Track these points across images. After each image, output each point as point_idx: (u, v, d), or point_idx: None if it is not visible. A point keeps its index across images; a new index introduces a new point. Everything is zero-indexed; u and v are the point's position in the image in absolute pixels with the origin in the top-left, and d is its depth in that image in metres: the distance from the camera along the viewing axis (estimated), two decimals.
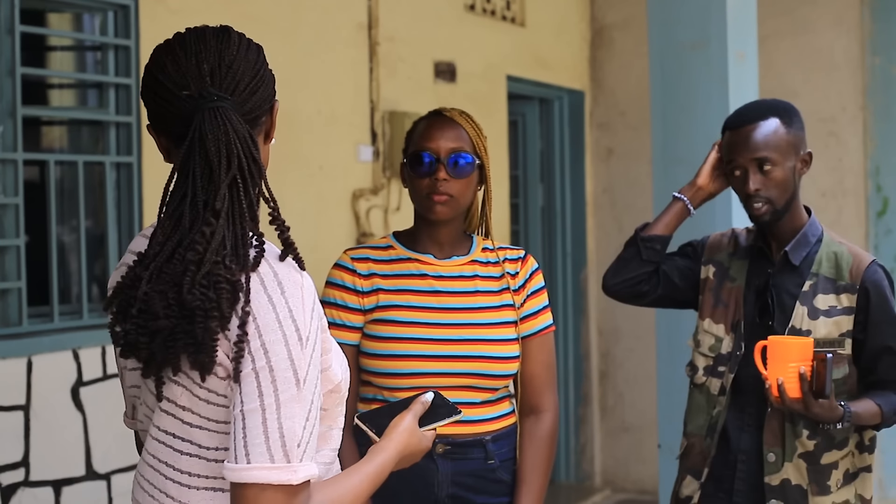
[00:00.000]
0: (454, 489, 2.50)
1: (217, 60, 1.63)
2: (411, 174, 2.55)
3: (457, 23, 5.77)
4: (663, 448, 3.85)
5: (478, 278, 2.57)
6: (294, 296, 1.57)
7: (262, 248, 1.59)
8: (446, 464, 2.49)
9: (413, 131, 2.63)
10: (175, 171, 1.62)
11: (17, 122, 3.67)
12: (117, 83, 4.01)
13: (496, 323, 2.54)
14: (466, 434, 2.50)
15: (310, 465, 1.55)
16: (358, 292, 2.53)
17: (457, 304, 2.53)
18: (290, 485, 1.52)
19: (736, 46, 3.78)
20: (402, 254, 2.58)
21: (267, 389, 1.53)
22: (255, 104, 1.66)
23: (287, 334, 1.54)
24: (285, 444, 1.52)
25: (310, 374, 1.56)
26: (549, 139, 6.87)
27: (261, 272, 1.57)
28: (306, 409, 1.55)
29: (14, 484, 3.56)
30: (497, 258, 2.61)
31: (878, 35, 6.32)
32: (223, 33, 1.68)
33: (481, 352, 2.50)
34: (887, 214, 6.31)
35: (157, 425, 1.67)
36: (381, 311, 2.51)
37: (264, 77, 1.68)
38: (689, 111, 3.80)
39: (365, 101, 5.11)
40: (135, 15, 4.02)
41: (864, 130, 6.35)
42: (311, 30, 4.79)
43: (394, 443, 1.81)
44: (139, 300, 1.56)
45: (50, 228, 3.84)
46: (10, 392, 3.57)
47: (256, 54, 1.69)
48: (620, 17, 6.90)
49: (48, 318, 3.83)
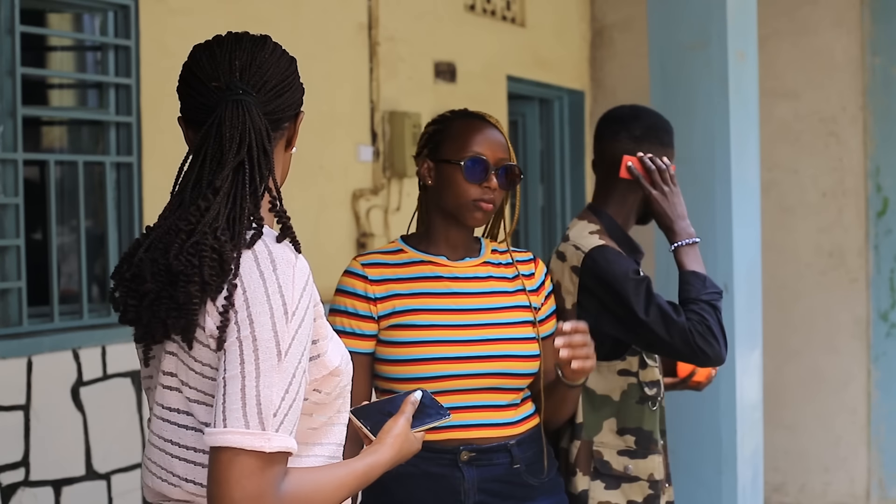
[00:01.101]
0: (481, 497, 2.45)
1: (249, 59, 1.73)
2: (464, 178, 2.48)
3: (457, 23, 5.77)
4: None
5: (492, 279, 2.55)
6: (285, 273, 1.62)
7: (260, 229, 1.65)
8: (471, 471, 2.44)
9: (449, 130, 2.54)
10: (189, 154, 1.72)
11: (17, 122, 3.67)
12: (117, 83, 4.01)
13: (515, 322, 2.51)
14: (491, 438, 2.46)
15: (287, 437, 1.57)
16: (369, 299, 2.46)
17: (474, 305, 2.50)
18: (263, 452, 1.55)
19: (736, 46, 3.78)
20: (414, 256, 2.53)
21: (249, 357, 1.57)
22: (279, 107, 1.75)
23: (274, 307, 1.59)
24: (261, 412, 1.55)
25: (293, 348, 1.59)
26: (549, 139, 6.87)
27: (256, 250, 1.63)
28: (286, 381, 1.58)
29: (14, 484, 3.56)
30: (510, 259, 2.60)
31: (878, 35, 6.32)
32: (260, 39, 1.79)
33: (504, 351, 2.47)
34: (887, 214, 6.30)
35: (160, 402, 1.71)
36: (399, 315, 2.46)
37: (292, 84, 1.79)
38: (689, 111, 3.80)
39: (365, 101, 5.11)
40: (135, 15, 4.02)
41: (864, 130, 6.35)
42: (311, 30, 4.79)
43: (388, 447, 1.82)
44: (133, 265, 1.67)
45: (50, 228, 3.84)
46: (10, 392, 3.57)
47: (289, 63, 1.80)
48: (620, 17, 6.90)
49: (48, 318, 3.83)
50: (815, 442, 6.40)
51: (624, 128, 2.85)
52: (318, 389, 1.71)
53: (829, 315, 6.37)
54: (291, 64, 1.80)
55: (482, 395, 2.44)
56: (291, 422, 1.59)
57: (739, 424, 3.74)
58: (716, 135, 3.76)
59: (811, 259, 6.41)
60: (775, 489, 6.37)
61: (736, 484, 3.73)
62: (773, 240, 6.15)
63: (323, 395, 1.72)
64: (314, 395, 1.71)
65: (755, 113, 3.91)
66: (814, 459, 6.40)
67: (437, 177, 2.52)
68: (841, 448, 6.36)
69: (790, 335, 6.37)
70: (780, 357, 6.27)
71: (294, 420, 1.59)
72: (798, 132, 6.44)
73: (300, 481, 1.62)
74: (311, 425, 1.73)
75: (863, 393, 6.32)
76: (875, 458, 6.31)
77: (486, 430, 2.44)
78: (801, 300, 6.39)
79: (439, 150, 2.53)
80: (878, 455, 6.32)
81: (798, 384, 6.39)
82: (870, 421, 6.31)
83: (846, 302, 6.34)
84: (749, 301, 3.84)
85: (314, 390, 1.70)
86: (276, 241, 1.66)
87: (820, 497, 6.40)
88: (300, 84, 1.81)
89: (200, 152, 1.69)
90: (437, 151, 2.53)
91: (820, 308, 6.37)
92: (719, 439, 3.74)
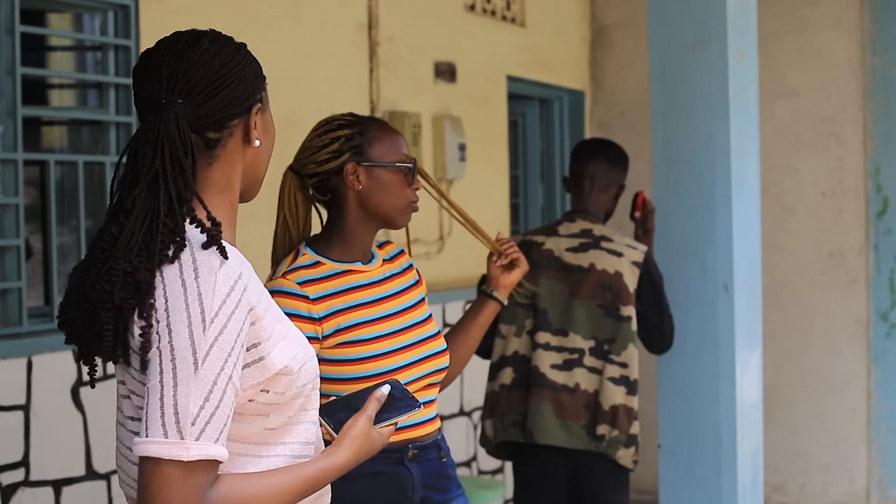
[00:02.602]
0: (424, 492, 2.52)
1: (176, 63, 1.71)
2: (400, 183, 2.51)
3: (457, 23, 5.77)
4: (663, 448, 3.85)
5: (395, 277, 2.59)
6: (206, 280, 1.62)
7: (181, 243, 1.64)
8: (416, 467, 2.50)
9: (369, 134, 2.53)
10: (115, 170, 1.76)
11: (17, 122, 3.67)
12: (117, 83, 4.01)
13: (426, 319, 2.59)
14: (428, 435, 2.53)
15: (209, 445, 1.58)
16: (314, 320, 2.42)
17: (396, 308, 2.53)
18: (182, 461, 1.56)
19: (736, 46, 3.78)
20: (334, 268, 2.49)
21: (167, 367, 1.59)
22: (215, 108, 1.72)
23: (192, 316, 1.60)
24: (179, 421, 1.57)
25: (212, 355, 1.60)
26: (549, 139, 6.87)
27: (181, 260, 1.64)
28: (205, 389, 1.58)
29: (14, 484, 3.56)
30: (390, 254, 2.64)
31: (878, 35, 6.32)
32: (195, 38, 1.75)
33: (433, 349, 2.55)
34: (887, 214, 6.30)
35: (120, 409, 1.75)
36: (342, 333, 2.44)
37: (231, 80, 1.74)
38: (690, 111, 3.80)
39: (365, 101, 5.11)
40: (135, 15, 4.02)
41: (864, 130, 6.35)
42: (311, 30, 4.79)
43: (346, 449, 1.79)
44: (65, 293, 1.73)
45: (50, 228, 3.84)
46: (10, 392, 3.57)
47: (229, 58, 1.74)
48: (620, 17, 6.90)
49: (48, 318, 3.83)
50: (815, 442, 6.40)
51: (604, 153, 3.77)
52: (266, 390, 1.70)
53: (829, 315, 6.37)
54: (232, 58, 1.75)
55: (422, 393, 2.50)
56: (216, 429, 1.59)
57: (739, 424, 3.74)
58: (716, 135, 3.76)
59: (811, 259, 6.41)
60: (775, 489, 6.38)
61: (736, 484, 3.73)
62: (773, 240, 6.16)
63: (274, 396, 1.71)
64: (263, 397, 1.70)
65: (755, 113, 3.91)
66: (814, 459, 6.40)
67: (369, 181, 2.51)
68: (841, 448, 6.36)
69: (790, 335, 6.37)
70: (780, 357, 6.27)
71: (219, 428, 1.59)
72: (798, 132, 6.44)
73: (233, 488, 1.62)
74: (268, 426, 1.72)
75: (863, 393, 6.32)
76: (875, 458, 6.31)
77: (424, 427, 2.52)
78: (801, 300, 6.39)
79: (366, 154, 2.51)
80: (878, 455, 6.32)
81: (798, 384, 6.39)
82: (870, 421, 6.31)
83: (846, 302, 6.34)
84: (749, 301, 3.84)
85: (262, 391, 1.70)
86: (203, 248, 1.65)
87: (820, 497, 6.40)
88: (246, 75, 1.76)
89: (119, 169, 1.72)
90: (362, 155, 2.51)
91: (820, 308, 6.37)
92: (719, 439, 3.74)
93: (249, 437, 1.70)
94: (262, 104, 1.80)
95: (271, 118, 1.84)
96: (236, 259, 1.68)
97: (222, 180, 1.76)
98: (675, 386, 3.81)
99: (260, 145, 1.80)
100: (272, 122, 1.85)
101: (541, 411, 3.52)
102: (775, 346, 6.07)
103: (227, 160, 1.76)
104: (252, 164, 1.80)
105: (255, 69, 1.79)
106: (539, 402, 3.53)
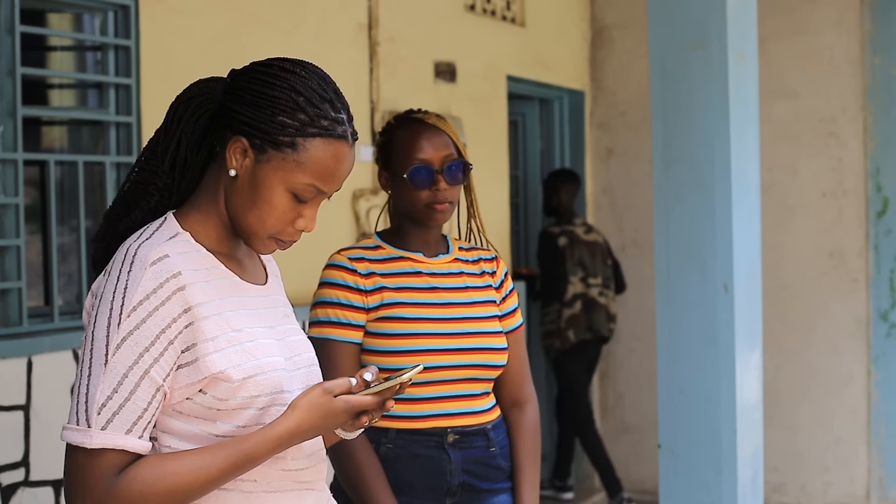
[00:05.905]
0: (464, 477, 2.58)
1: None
2: (410, 188, 2.58)
3: (457, 23, 5.77)
4: (663, 448, 3.85)
5: (464, 275, 2.67)
6: (135, 275, 1.67)
7: (137, 238, 1.73)
8: (456, 453, 2.57)
9: (394, 141, 2.63)
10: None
11: (17, 122, 3.67)
12: (117, 83, 4.01)
13: (488, 317, 2.65)
14: (472, 424, 2.59)
15: (116, 435, 1.62)
16: (361, 291, 2.55)
17: (452, 300, 2.62)
18: (86, 448, 1.62)
19: (736, 46, 3.78)
20: (392, 252, 2.63)
21: (86, 356, 1.67)
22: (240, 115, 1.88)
23: (112, 308, 1.66)
24: (87, 410, 1.63)
25: (124, 349, 1.64)
26: (549, 139, 6.87)
27: (128, 253, 1.70)
28: (114, 380, 1.63)
29: (14, 484, 3.56)
30: (477, 257, 2.73)
31: (878, 35, 6.32)
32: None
33: (482, 344, 2.60)
34: (887, 214, 6.30)
35: None
36: (387, 308, 2.55)
37: (254, 99, 1.93)
38: (690, 111, 3.80)
39: (365, 101, 5.11)
40: (135, 15, 4.02)
41: (864, 130, 6.35)
42: (311, 30, 4.79)
43: (285, 419, 1.71)
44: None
45: (50, 228, 3.84)
46: (10, 392, 3.57)
47: (273, 83, 1.97)
48: (620, 17, 6.90)
49: (48, 318, 3.83)
50: (814, 442, 6.40)
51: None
52: (203, 391, 1.71)
53: (829, 315, 6.37)
54: (274, 85, 1.98)
55: (460, 386, 2.57)
56: (127, 420, 1.63)
57: (739, 425, 3.74)
58: (716, 135, 3.76)
59: (811, 259, 6.41)
60: (775, 489, 6.38)
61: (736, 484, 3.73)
62: (773, 240, 6.15)
63: (213, 400, 1.71)
64: (200, 398, 1.71)
65: (755, 113, 3.91)
66: (814, 459, 6.41)
67: (392, 185, 2.63)
68: (841, 448, 6.36)
69: (790, 335, 6.37)
70: (780, 357, 6.27)
71: (131, 419, 1.63)
72: (798, 132, 6.44)
73: (140, 472, 1.64)
74: (215, 432, 1.72)
75: (863, 393, 6.32)
76: (875, 458, 6.31)
77: (466, 418, 2.58)
78: (801, 300, 6.39)
79: (389, 161, 2.63)
80: (878, 455, 6.32)
81: (798, 384, 6.39)
82: (870, 421, 6.31)
83: (846, 302, 6.34)
84: (749, 301, 3.84)
85: (200, 392, 1.70)
86: (146, 241, 1.72)
87: (820, 497, 6.40)
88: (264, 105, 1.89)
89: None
90: (387, 162, 2.64)
91: (820, 308, 6.37)
92: (719, 439, 3.74)
93: (198, 440, 1.72)
94: (257, 152, 1.76)
95: (274, 191, 1.77)
96: (182, 258, 1.70)
97: (213, 187, 1.83)
98: (675, 386, 3.80)
99: (236, 181, 1.77)
100: (272, 192, 1.77)
101: None
102: (775, 346, 6.07)
103: (217, 172, 1.83)
104: (231, 197, 1.79)
105: (279, 115, 1.84)
106: None
